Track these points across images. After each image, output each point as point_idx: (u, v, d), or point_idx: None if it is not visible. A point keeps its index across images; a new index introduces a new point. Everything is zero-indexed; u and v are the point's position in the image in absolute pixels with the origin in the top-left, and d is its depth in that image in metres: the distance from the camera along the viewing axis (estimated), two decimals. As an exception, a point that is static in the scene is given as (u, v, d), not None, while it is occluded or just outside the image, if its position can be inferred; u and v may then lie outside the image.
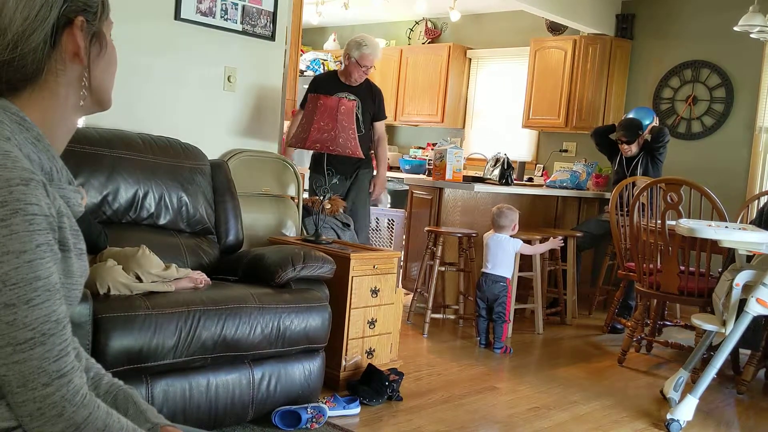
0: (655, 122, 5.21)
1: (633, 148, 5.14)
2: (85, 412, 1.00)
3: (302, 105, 4.35)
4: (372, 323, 3.24)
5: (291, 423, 2.67)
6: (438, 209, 4.84)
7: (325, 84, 4.42)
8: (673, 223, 3.51)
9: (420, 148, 7.61)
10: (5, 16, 1.01)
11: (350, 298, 3.13)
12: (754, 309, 3.05)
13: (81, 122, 3.34)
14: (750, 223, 4.13)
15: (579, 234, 5.13)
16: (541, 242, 4.63)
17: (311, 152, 4.54)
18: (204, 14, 3.62)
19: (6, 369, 0.97)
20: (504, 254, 4.24)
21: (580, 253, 5.23)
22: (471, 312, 4.61)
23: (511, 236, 4.31)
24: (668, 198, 3.75)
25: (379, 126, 4.64)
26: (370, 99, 4.51)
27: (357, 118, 4.27)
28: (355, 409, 2.94)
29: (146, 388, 2.31)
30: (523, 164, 6.33)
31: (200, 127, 3.62)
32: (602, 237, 5.28)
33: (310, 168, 4.62)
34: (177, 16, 3.53)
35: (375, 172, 4.67)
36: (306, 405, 2.73)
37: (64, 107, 1.09)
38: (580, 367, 4.01)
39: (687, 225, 3.24)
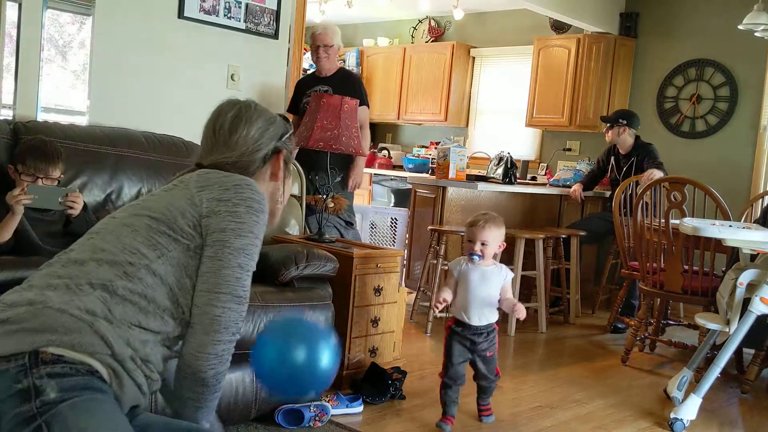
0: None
1: (610, 134, 5.21)
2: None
3: (290, 109, 4.38)
4: (375, 322, 3.24)
5: (294, 421, 2.67)
6: (441, 208, 4.84)
7: (303, 82, 4.50)
8: (677, 222, 3.50)
9: (423, 146, 7.61)
10: (248, 138, 1.62)
11: (353, 297, 3.13)
12: (758, 308, 3.05)
13: (84, 121, 3.35)
14: (754, 222, 4.12)
15: (582, 233, 5.13)
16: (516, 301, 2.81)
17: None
18: (207, 12, 3.63)
19: (221, 311, 1.40)
20: (491, 294, 2.82)
21: (581, 246, 5.22)
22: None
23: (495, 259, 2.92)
24: (672, 197, 3.74)
25: (360, 112, 4.55)
26: (345, 87, 4.45)
27: None
28: (358, 408, 2.94)
29: (149, 386, 2.31)
30: (526, 163, 6.32)
31: (203, 126, 3.62)
32: (604, 234, 5.27)
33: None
34: (180, 14, 3.53)
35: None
36: (309, 403, 2.73)
37: None
38: (584, 366, 4.01)
39: (691, 224, 3.24)
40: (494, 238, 2.80)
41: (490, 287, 2.81)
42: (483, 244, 2.78)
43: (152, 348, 1.34)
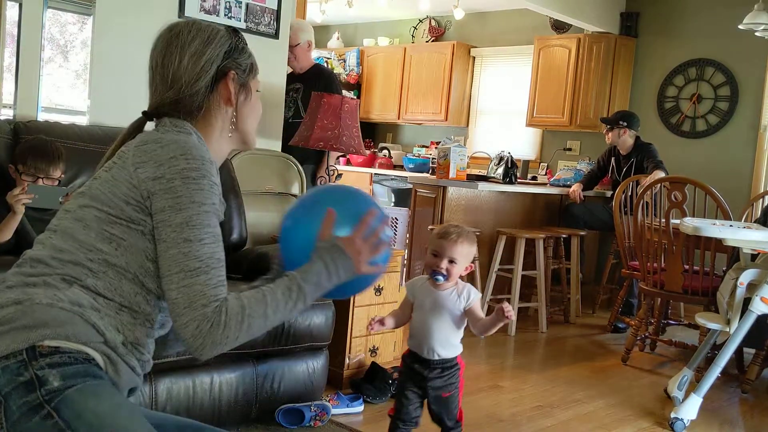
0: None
1: (610, 136, 5.23)
2: (225, 318, 1.28)
3: None
4: (375, 321, 3.24)
5: (294, 421, 2.68)
6: (442, 208, 4.84)
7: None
8: (678, 221, 3.50)
9: (424, 146, 7.61)
10: (181, 68, 1.43)
11: (354, 297, 3.13)
12: (758, 308, 3.05)
13: (85, 121, 3.35)
14: (754, 222, 4.12)
15: (582, 232, 5.12)
16: (497, 303, 2.15)
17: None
18: (208, 12, 3.63)
19: (177, 292, 1.28)
20: (452, 321, 2.26)
21: (582, 240, 5.19)
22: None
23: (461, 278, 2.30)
24: (672, 196, 3.74)
25: None
26: (316, 83, 4.41)
27: (298, 105, 4.26)
28: (359, 407, 2.94)
29: (150, 386, 2.32)
30: (526, 163, 6.32)
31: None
32: (609, 225, 5.20)
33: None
34: (181, 14, 3.53)
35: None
36: (309, 403, 2.73)
37: (218, 137, 1.50)
38: (584, 366, 4.01)
39: (691, 224, 3.24)
40: (465, 256, 2.24)
41: (447, 315, 2.25)
42: (451, 261, 2.21)
43: (139, 330, 1.36)
